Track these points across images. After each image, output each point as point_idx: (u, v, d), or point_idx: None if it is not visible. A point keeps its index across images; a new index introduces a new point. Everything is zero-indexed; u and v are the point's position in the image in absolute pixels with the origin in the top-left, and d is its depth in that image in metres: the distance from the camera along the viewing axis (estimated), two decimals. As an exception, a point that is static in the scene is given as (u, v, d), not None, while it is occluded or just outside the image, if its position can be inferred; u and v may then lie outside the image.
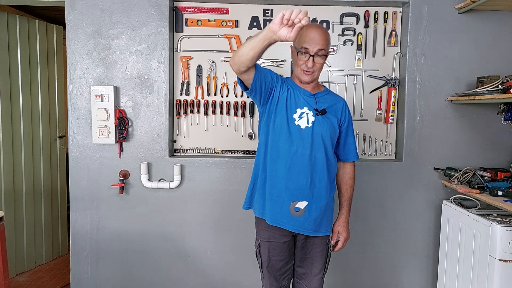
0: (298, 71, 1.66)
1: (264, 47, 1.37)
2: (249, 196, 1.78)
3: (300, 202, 1.62)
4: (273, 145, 1.64)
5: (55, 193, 3.23)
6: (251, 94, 1.62)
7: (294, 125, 1.62)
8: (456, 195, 2.20)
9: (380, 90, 2.44)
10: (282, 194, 1.64)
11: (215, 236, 2.41)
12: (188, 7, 2.39)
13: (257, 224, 1.77)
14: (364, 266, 2.46)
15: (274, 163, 1.65)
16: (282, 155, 1.63)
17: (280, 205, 1.64)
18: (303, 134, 1.62)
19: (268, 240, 1.71)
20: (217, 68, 2.42)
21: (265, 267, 1.75)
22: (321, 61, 1.62)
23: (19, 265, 2.95)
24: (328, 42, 1.62)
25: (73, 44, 2.29)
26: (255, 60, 1.44)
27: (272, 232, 1.70)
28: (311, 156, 1.62)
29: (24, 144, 2.92)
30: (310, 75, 1.63)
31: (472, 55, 2.31)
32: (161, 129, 2.34)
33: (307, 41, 1.58)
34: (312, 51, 1.58)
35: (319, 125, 1.63)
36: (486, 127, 2.36)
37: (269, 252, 1.72)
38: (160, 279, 2.42)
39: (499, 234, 1.80)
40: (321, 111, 1.64)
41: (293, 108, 1.64)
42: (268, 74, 1.62)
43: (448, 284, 2.21)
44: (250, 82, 1.56)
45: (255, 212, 1.75)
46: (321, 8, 2.39)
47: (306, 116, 1.63)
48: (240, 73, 1.52)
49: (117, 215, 2.37)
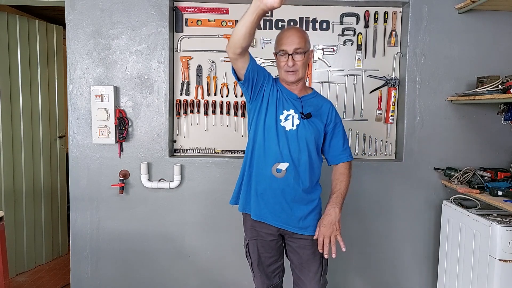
0: (282, 73, 1.68)
1: (255, 20, 1.37)
2: (237, 191, 1.80)
3: (281, 164, 1.63)
4: (260, 143, 1.67)
5: (55, 193, 3.22)
6: (243, 85, 1.65)
7: (280, 126, 1.65)
8: (456, 195, 2.20)
9: (380, 90, 2.44)
10: (267, 192, 1.66)
11: (215, 236, 2.41)
12: (188, 7, 2.39)
13: (244, 223, 1.79)
14: (364, 266, 2.46)
15: (260, 161, 1.67)
16: (267, 154, 1.65)
17: (265, 202, 1.67)
18: (288, 136, 1.64)
19: (255, 238, 1.73)
20: (217, 68, 2.42)
21: (256, 266, 1.76)
22: (301, 58, 1.62)
23: (19, 265, 2.95)
24: (304, 40, 1.63)
25: (73, 44, 2.29)
26: (248, 38, 1.45)
27: (258, 230, 1.72)
28: (294, 157, 1.63)
29: (24, 144, 2.92)
30: (294, 74, 1.65)
31: (472, 55, 2.31)
32: (161, 129, 2.34)
33: (283, 43, 1.63)
34: (289, 51, 1.61)
35: (304, 129, 1.65)
36: (486, 127, 2.36)
37: (258, 250, 1.74)
38: (160, 279, 2.42)
39: (499, 234, 1.80)
40: (306, 114, 1.65)
41: (280, 109, 1.66)
42: (261, 70, 1.66)
43: (448, 284, 2.21)
44: (243, 72, 1.58)
45: (239, 208, 1.76)
46: (321, 8, 2.39)
47: (292, 118, 1.65)
48: (235, 58, 1.54)
49: (117, 215, 2.37)
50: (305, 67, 1.67)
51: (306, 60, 1.66)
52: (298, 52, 1.61)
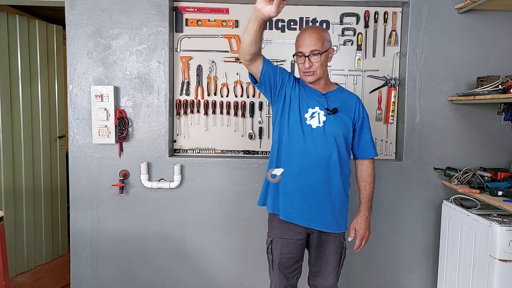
0: (301, 74, 1.72)
1: (257, 28, 1.40)
2: (264, 192, 1.81)
3: (276, 169, 1.65)
4: (286, 143, 1.68)
5: (55, 193, 3.23)
6: (260, 88, 1.68)
7: (306, 125, 1.65)
8: (456, 195, 2.20)
9: (380, 90, 2.44)
10: (293, 191, 1.67)
11: (215, 236, 2.41)
12: (188, 7, 2.39)
13: (270, 220, 1.79)
14: (364, 266, 2.46)
15: (286, 161, 1.68)
16: (294, 154, 1.66)
17: (291, 202, 1.68)
18: (315, 134, 1.65)
19: (281, 237, 1.73)
20: (217, 68, 2.42)
21: (276, 264, 1.76)
22: (318, 59, 1.63)
23: (19, 265, 2.95)
24: (321, 40, 1.63)
25: (73, 44, 2.29)
26: (254, 45, 1.47)
27: (285, 229, 1.72)
28: (323, 155, 1.64)
29: (24, 144, 2.92)
30: (312, 75, 1.67)
31: (472, 55, 2.31)
32: (161, 129, 2.34)
33: (299, 45, 1.66)
34: (306, 52, 1.63)
35: (331, 125, 1.65)
36: (486, 127, 2.36)
37: (281, 249, 1.73)
38: (160, 279, 2.42)
39: (499, 234, 1.80)
40: (332, 110, 1.66)
41: (305, 107, 1.67)
42: (279, 71, 1.68)
43: (448, 284, 2.21)
44: (258, 76, 1.62)
45: (268, 209, 1.78)
46: (321, 8, 2.39)
47: (318, 115, 1.66)
48: (247, 64, 1.59)
49: (117, 215, 2.37)
50: (323, 66, 1.67)
51: (324, 60, 1.66)
52: (314, 54, 1.62)
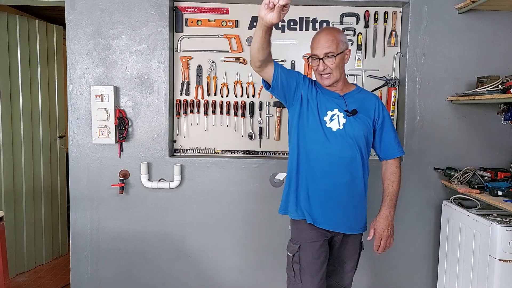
0: (316, 77, 1.70)
1: (263, 35, 1.41)
2: (285, 200, 1.75)
3: (279, 174, 1.64)
4: (306, 146, 1.66)
5: (55, 193, 3.23)
6: (273, 92, 1.68)
7: (326, 128, 1.63)
8: (456, 195, 2.20)
9: (380, 90, 2.44)
10: (318, 194, 1.65)
11: (216, 236, 2.41)
12: (188, 7, 2.39)
13: (296, 226, 1.71)
14: (364, 266, 2.45)
15: (307, 165, 1.66)
16: (315, 157, 1.64)
17: (317, 205, 1.65)
18: (337, 136, 1.63)
19: (311, 240, 1.66)
20: (217, 68, 2.42)
21: (308, 273, 1.64)
22: (332, 62, 1.61)
23: (19, 265, 2.95)
24: (336, 42, 1.61)
25: (73, 44, 2.29)
26: (262, 51, 1.49)
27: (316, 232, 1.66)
28: (346, 156, 1.62)
29: (24, 144, 2.92)
30: (327, 78, 1.65)
31: (472, 55, 2.31)
32: (161, 129, 2.34)
33: (314, 48, 1.64)
34: (320, 55, 1.62)
35: (351, 126, 1.63)
36: (486, 127, 2.36)
37: (312, 254, 1.65)
38: (160, 279, 2.42)
39: (499, 234, 1.80)
40: (352, 111, 1.64)
41: (323, 110, 1.65)
42: (292, 74, 1.67)
43: (448, 284, 2.21)
44: (270, 81, 1.62)
45: (292, 215, 1.71)
46: (321, 8, 2.39)
47: (337, 118, 1.64)
48: (258, 70, 1.60)
49: (117, 215, 2.37)
50: (339, 68, 1.65)
51: (339, 62, 1.63)
52: (329, 56, 1.60)
